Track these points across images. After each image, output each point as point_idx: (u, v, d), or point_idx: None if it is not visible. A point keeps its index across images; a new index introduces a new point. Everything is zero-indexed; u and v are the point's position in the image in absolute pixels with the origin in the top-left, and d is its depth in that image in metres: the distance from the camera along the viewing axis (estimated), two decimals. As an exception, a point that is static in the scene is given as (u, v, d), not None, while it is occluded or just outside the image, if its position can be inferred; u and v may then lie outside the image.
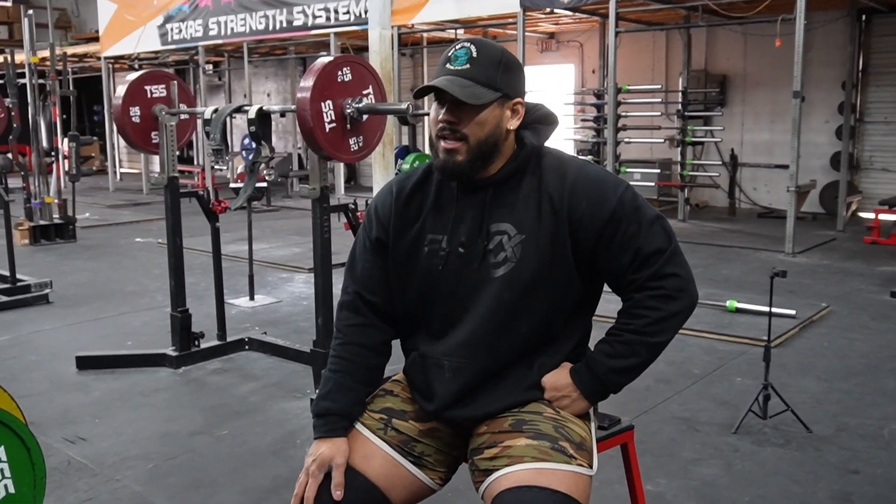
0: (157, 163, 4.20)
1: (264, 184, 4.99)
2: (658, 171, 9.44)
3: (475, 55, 1.58)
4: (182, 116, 4.18)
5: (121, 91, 4.08)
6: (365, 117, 3.36)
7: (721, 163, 9.70)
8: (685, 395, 3.69)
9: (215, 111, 3.71)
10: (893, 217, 7.37)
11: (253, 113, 3.45)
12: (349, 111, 3.29)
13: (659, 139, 9.01)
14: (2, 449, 1.79)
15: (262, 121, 3.48)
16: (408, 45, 12.05)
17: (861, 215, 9.09)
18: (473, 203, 1.65)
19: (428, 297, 1.69)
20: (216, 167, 11.47)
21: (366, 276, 1.75)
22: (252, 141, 3.57)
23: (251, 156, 3.63)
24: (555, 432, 1.57)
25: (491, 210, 1.64)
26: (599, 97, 9.15)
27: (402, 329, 1.78)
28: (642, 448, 2.91)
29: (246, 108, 3.55)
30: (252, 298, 5.58)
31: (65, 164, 8.17)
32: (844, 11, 8.88)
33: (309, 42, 11.70)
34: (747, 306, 4.98)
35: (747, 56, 9.97)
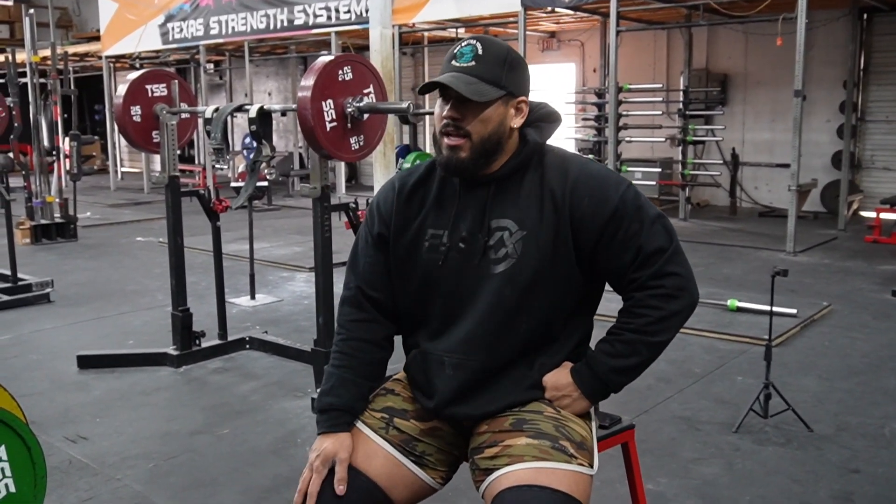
0: (158, 162, 4.20)
1: (265, 183, 4.98)
2: (659, 170, 9.44)
3: (481, 52, 1.58)
4: (183, 115, 4.18)
5: (122, 90, 4.08)
6: (366, 116, 3.36)
7: (722, 162, 9.69)
8: (686, 395, 3.69)
9: (216, 110, 3.71)
10: (894, 216, 7.37)
11: (254, 112, 3.45)
12: (350, 110, 3.30)
13: (660, 138, 9.01)
14: (2, 448, 1.79)
15: (263, 120, 3.48)
16: (409, 44, 12.05)
17: (862, 214, 9.08)
18: (475, 199, 1.65)
19: (428, 293, 1.68)
20: (217, 166, 11.40)
21: (367, 272, 1.75)
22: (253, 140, 3.57)
23: (252, 155, 3.63)
24: (555, 432, 1.57)
25: (492, 206, 1.63)
26: (600, 96, 9.15)
27: (404, 326, 1.78)
28: (643, 447, 2.90)
29: (247, 108, 3.55)
30: (253, 297, 5.58)
31: (66, 164, 8.17)
32: (846, 10, 8.88)
33: (310, 41, 11.70)
34: (748, 305, 4.99)
35: (748, 55, 9.96)
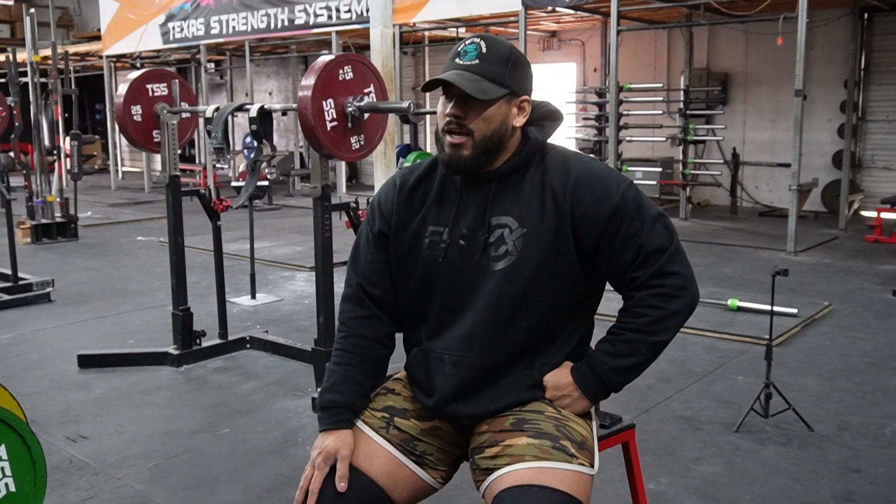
0: (159, 161, 4.20)
1: (266, 182, 4.98)
2: (660, 170, 9.44)
3: (485, 51, 1.58)
4: (183, 115, 4.18)
5: (122, 89, 4.08)
6: (366, 116, 3.36)
7: (723, 161, 9.69)
8: (686, 394, 3.69)
9: (217, 110, 3.71)
10: (895, 216, 7.36)
11: (254, 111, 3.45)
12: (350, 110, 3.29)
13: (661, 138, 9.01)
14: (3, 447, 1.79)
15: (264, 119, 3.48)
16: (409, 44, 12.04)
17: (863, 214, 9.08)
18: (476, 196, 1.65)
19: (428, 290, 1.69)
20: (218, 166, 11.42)
21: (368, 269, 1.75)
22: (253, 139, 3.57)
23: (253, 154, 3.63)
24: (556, 431, 1.57)
25: (493, 203, 1.64)
26: (601, 96, 9.15)
27: (405, 324, 1.78)
28: (643, 447, 2.90)
29: (247, 107, 3.55)
30: (253, 297, 5.58)
31: (66, 163, 8.18)
32: (846, 10, 8.87)
33: (310, 41, 11.70)
34: (749, 305, 4.98)
35: (749, 54, 9.95)
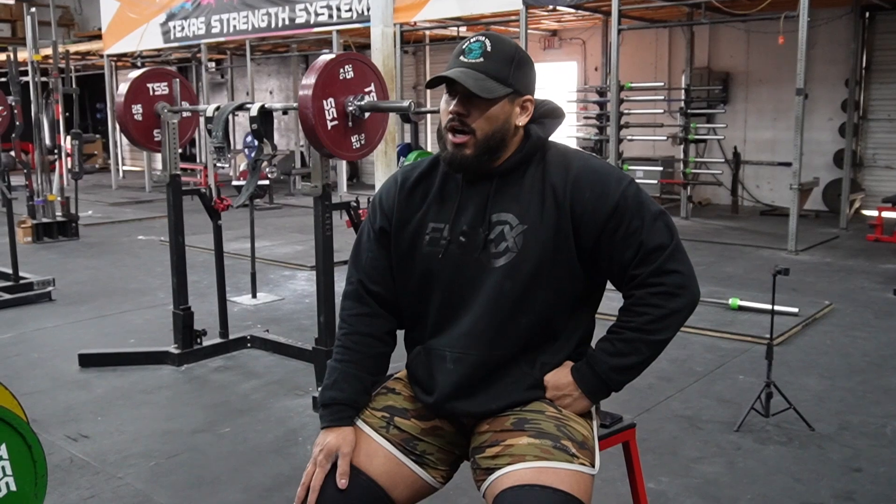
0: (160, 160, 4.20)
1: (266, 181, 4.99)
2: (661, 169, 9.43)
3: (489, 49, 1.58)
4: (184, 114, 4.18)
5: (123, 89, 4.08)
6: (367, 115, 3.36)
7: (724, 160, 9.68)
8: (687, 393, 3.69)
9: (217, 109, 3.71)
10: (896, 215, 7.37)
11: (255, 111, 3.45)
12: (351, 109, 3.29)
13: (662, 137, 9.00)
14: (3, 447, 1.79)
15: (265, 118, 3.48)
16: (410, 43, 12.04)
17: (864, 213, 9.07)
18: (477, 193, 1.65)
19: (429, 287, 1.69)
20: (218, 165, 11.43)
21: (369, 266, 1.75)
22: (254, 139, 3.57)
23: (253, 153, 3.63)
24: (557, 431, 1.57)
25: (494, 200, 1.64)
26: (602, 95, 9.15)
27: (406, 322, 1.78)
28: (644, 446, 2.90)
29: (248, 106, 3.55)
30: (254, 296, 5.58)
31: (67, 162, 8.18)
32: (848, 8, 8.86)
33: (311, 40, 11.70)
34: (750, 304, 4.98)
35: (750, 53, 9.94)
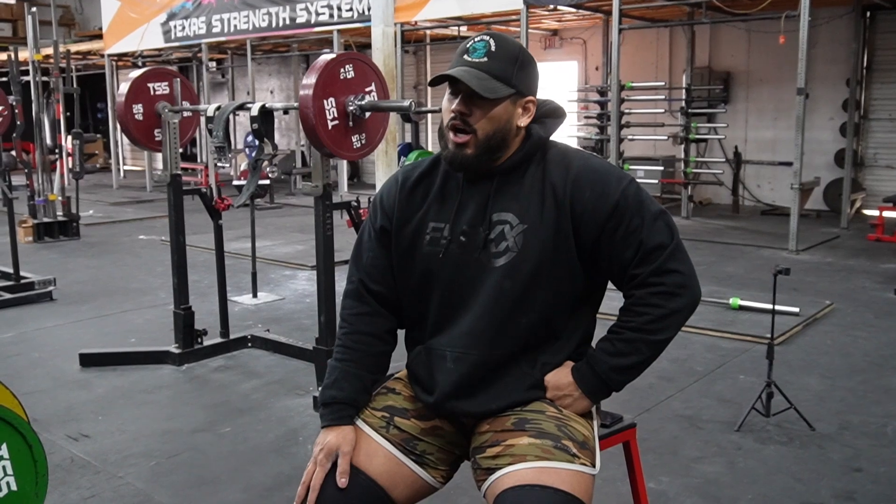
0: (161, 160, 4.20)
1: (267, 181, 5.00)
2: (661, 169, 9.44)
3: (493, 49, 1.58)
4: (185, 114, 4.18)
5: (124, 88, 4.08)
6: (367, 114, 3.36)
7: (725, 160, 9.68)
8: (688, 393, 3.69)
9: (218, 108, 3.71)
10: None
11: (256, 110, 3.45)
12: (352, 108, 3.29)
13: (662, 136, 9.00)
14: (4, 446, 1.79)
15: (265, 118, 3.48)
16: (411, 42, 12.04)
17: (865, 213, 9.06)
18: (478, 193, 1.65)
19: (429, 287, 1.69)
20: (219, 164, 11.44)
21: (370, 266, 1.75)
22: (255, 138, 3.57)
23: (254, 153, 3.63)
24: (558, 431, 1.57)
25: (494, 199, 1.64)
26: (603, 94, 9.14)
27: (407, 321, 1.78)
28: (644, 446, 2.90)
29: (249, 106, 3.55)
30: (255, 296, 5.58)
31: (68, 162, 8.18)
32: (849, 8, 8.85)
33: (312, 39, 11.70)
34: (750, 304, 4.98)
35: (751, 53, 9.94)
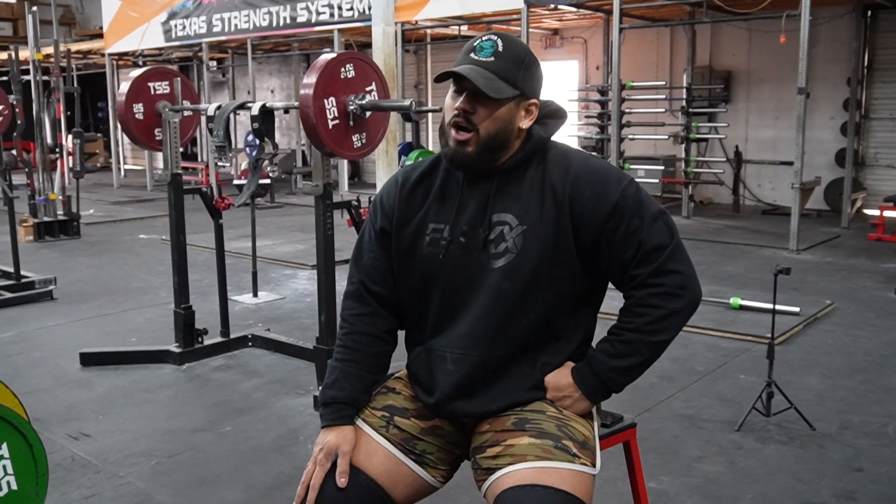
0: (161, 159, 4.20)
1: (268, 180, 5.00)
2: (662, 168, 9.42)
3: (501, 49, 1.58)
4: (185, 113, 4.18)
5: (124, 87, 4.08)
6: (368, 114, 3.36)
7: (725, 159, 9.68)
8: (688, 393, 3.68)
9: (219, 108, 3.71)
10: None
11: (256, 110, 3.45)
12: (352, 108, 3.29)
13: (663, 136, 9.00)
14: (4, 445, 1.79)
15: (266, 117, 3.48)
16: (411, 42, 12.04)
17: (866, 212, 9.06)
18: (478, 193, 1.65)
19: (429, 288, 1.69)
20: (220, 164, 11.45)
21: (370, 266, 1.75)
22: (255, 137, 3.57)
23: (254, 152, 3.63)
24: (558, 431, 1.57)
25: (494, 200, 1.64)
26: (603, 94, 9.14)
27: (407, 322, 1.78)
28: (645, 446, 2.90)
29: (249, 105, 3.55)
30: (255, 295, 5.58)
31: (69, 161, 8.18)
32: (850, 7, 8.85)
33: (313, 38, 11.70)
34: (751, 303, 4.98)
35: (752, 52, 9.93)
